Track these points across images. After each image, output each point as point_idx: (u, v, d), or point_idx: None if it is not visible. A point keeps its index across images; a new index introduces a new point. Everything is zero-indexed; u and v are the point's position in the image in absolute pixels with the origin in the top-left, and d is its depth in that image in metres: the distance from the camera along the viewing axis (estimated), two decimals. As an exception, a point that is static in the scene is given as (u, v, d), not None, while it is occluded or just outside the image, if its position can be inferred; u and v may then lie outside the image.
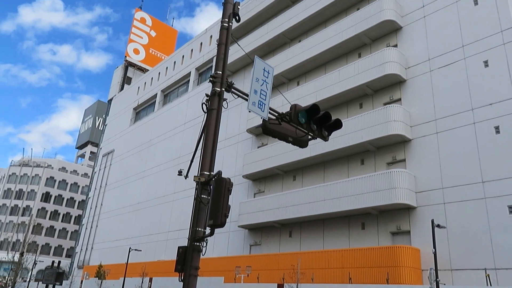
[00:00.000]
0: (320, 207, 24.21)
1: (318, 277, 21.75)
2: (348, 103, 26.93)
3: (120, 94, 62.09)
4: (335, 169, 25.98)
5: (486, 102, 20.21)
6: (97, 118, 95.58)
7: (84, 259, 51.71)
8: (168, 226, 38.63)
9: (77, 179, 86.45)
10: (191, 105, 42.25)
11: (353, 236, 23.63)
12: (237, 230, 30.52)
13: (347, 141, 24.13)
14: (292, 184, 28.38)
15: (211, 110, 6.70)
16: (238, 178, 30.90)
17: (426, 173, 21.59)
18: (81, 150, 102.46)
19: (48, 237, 78.38)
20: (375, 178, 22.25)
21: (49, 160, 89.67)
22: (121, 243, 43.80)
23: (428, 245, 18.35)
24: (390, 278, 19.17)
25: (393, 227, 22.05)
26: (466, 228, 19.15)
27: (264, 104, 6.91)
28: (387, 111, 22.99)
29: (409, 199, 21.20)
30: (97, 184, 56.83)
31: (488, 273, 17.12)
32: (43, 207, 79.73)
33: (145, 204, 43.74)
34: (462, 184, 19.97)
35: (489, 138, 19.68)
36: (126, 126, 55.61)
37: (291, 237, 27.16)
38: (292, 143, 7.44)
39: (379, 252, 20.68)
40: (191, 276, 5.57)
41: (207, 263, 26.99)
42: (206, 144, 6.46)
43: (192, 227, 5.80)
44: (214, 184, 5.61)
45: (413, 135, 22.82)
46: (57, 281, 10.25)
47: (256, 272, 25.06)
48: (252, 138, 33.19)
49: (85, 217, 56.79)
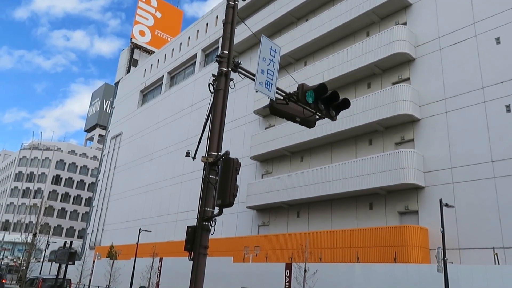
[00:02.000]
0: (328, 188, 24.27)
1: (326, 256, 21.96)
2: (356, 83, 26.64)
3: (126, 76, 62.05)
4: (342, 150, 25.90)
5: (497, 80, 19.86)
6: (105, 101, 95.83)
7: (95, 240, 52.70)
8: (177, 207, 39.07)
9: (87, 161, 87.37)
10: (198, 87, 42.13)
11: (361, 216, 23.71)
12: (245, 211, 30.78)
13: (355, 122, 23.97)
14: (300, 165, 28.40)
15: (218, 90, 6.65)
16: (246, 160, 30.99)
17: (434, 152, 21.45)
18: (90, 133, 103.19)
19: (60, 219, 79.82)
20: (383, 158, 22.16)
21: (59, 144, 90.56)
22: (131, 224, 44.48)
23: (436, 225, 18.38)
24: (397, 257, 19.28)
25: (401, 207, 22.07)
26: (474, 208, 19.11)
27: (271, 84, 6.84)
28: (396, 91, 22.72)
29: (417, 179, 21.14)
30: (106, 167, 57.41)
31: (496, 252, 17.14)
32: (54, 190, 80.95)
33: (154, 186, 44.19)
34: (471, 163, 19.83)
35: (499, 116, 19.41)
36: (133, 109, 55.74)
37: (299, 217, 27.34)
38: (300, 123, 7.39)
39: (387, 232, 20.77)
40: (201, 254, 5.64)
41: (216, 243, 27.33)
42: (213, 124, 6.44)
43: (200, 207, 5.84)
44: (222, 164, 5.62)
45: (422, 115, 22.59)
46: (70, 260, 10.47)
47: (264, 252, 25.36)
48: (259, 120, 33.12)
49: (95, 199, 57.62)
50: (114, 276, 31.64)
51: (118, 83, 64.10)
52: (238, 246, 27.80)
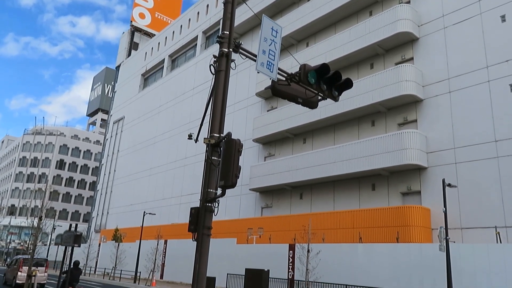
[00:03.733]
0: (331, 169, 24.32)
1: (329, 237, 22.17)
2: (358, 63, 26.39)
3: (127, 60, 61.66)
4: (345, 131, 25.85)
5: (502, 58, 19.63)
6: (106, 85, 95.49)
7: (100, 224, 53.30)
8: (180, 190, 39.33)
9: (90, 146, 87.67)
10: (199, 70, 41.88)
11: (363, 197, 23.82)
12: (248, 193, 30.97)
13: (357, 103, 23.84)
14: (303, 147, 28.41)
15: (219, 71, 6.59)
16: (249, 142, 31.01)
17: (437, 133, 21.38)
18: (92, 117, 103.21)
19: (65, 203, 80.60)
20: (386, 139, 22.13)
21: (61, 128, 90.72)
22: (136, 208, 44.90)
23: (438, 205, 18.45)
24: (400, 237, 19.44)
25: (403, 188, 22.14)
26: (477, 187, 19.15)
27: (272, 64, 6.77)
28: (399, 71, 22.51)
29: (420, 159, 21.14)
30: (109, 151, 57.62)
31: (498, 231, 17.24)
32: (58, 174, 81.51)
33: (157, 169, 44.41)
34: (474, 143, 19.78)
35: (503, 96, 19.26)
36: (135, 93, 55.59)
37: (302, 199, 27.50)
38: (302, 104, 7.33)
39: (390, 212, 20.90)
40: (204, 235, 5.69)
41: (220, 225, 27.61)
42: (215, 105, 6.41)
43: (203, 189, 5.86)
44: (224, 145, 5.61)
45: (425, 95, 22.43)
46: (75, 243, 10.60)
47: (268, 233, 25.61)
48: (261, 102, 32.99)
49: (100, 183, 58.03)
50: (120, 258, 32.12)
51: (119, 67, 63.76)
52: (241, 228, 28.08)
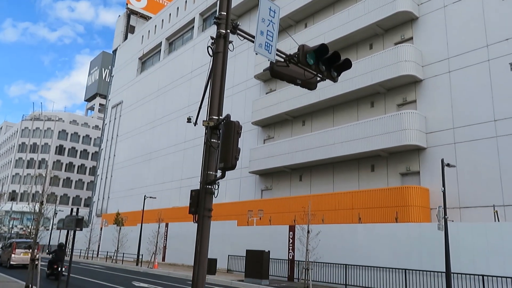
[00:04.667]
0: (330, 151, 24.37)
1: (329, 218, 22.37)
2: (357, 44, 26.17)
3: (124, 44, 61.04)
4: (344, 113, 25.81)
5: (502, 37, 19.46)
6: (103, 70, 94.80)
7: (101, 208, 53.67)
8: (180, 174, 39.48)
9: (89, 131, 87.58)
10: (197, 53, 41.51)
11: (362, 178, 23.94)
12: (248, 176, 31.10)
13: (356, 84, 23.74)
14: (302, 129, 28.41)
15: (217, 53, 6.53)
16: (248, 125, 30.97)
17: (437, 113, 21.36)
18: (90, 102, 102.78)
19: (66, 188, 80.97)
20: (385, 120, 22.11)
21: (60, 114, 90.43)
22: (136, 192, 45.14)
23: (437, 185, 18.57)
24: (399, 217, 19.63)
25: (402, 168, 22.24)
26: (475, 167, 19.24)
27: (271, 45, 6.71)
28: (398, 51, 22.34)
29: (419, 140, 21.17)
30: (108, 136, 57.59)
31: (496, 210, 17.40)
32: (58, 160, 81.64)
33: (157, 154, 44.48)
34: (473, 123, 19.79)
35: (503, 75, 19.17)
36: (132, 77, 55.22)
37: (301, 181, 27.64)
38: (301, 86, 7.30)
39: (388, 193, 21.04)
40: (205, 217, 5.73)
41: (220, 208, 27.82)
42: (213, 88, 6.37)
43: (203, 171, 5.88)
44: (223, 127, 5.60)
45: (425, 75, 22.32)
46: (77, 226, 10.69)
47: (268, 215, 25.83)
48: (260, 84, 32.83)
49: (100, 168, 58.19)
50: (122, 242, 32.43)
51: (116, 51, 63.16)
52: (242, 210, 28.30)
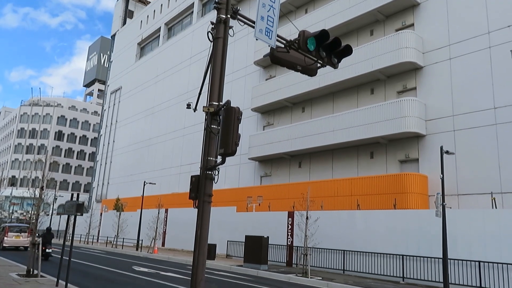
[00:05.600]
0: (329, 138, 24.39)
1: (327, 204, 22.51)
2: (358, 30, 25.97)
3: (123, 29, 60.49)
4: (344, 100, 25.75)
5: (504, 24, 19.31)
6: (102, 55, 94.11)
7: (101, 194, 53.88)
8: (180, 160, 39.55)
9: (88, 117, 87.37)
10: (196, 38, 41.18)
11: (361, 165, 24.01)
12: (247, 162, 31.17)
13: (356, 71, 23.63)
14: (301, 115, 28.37)
15: (217, 38, 6.49)
16: (247, 112, 30.91)
17: (437, 101, 21.32)
18: (89, 88, 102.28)
19: (65, 174, 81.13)
20: (385, 107, 22.08)
21: (59, 99, 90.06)
22: (136, 178, 45.27)
23: (436, 172, 18.64)
24: (397, 204, 19.76)
25: (401, 156, 22.29)
26: (474, 155, 19.29)
27: (271, 31, 6.66)
28: (399, 38, 22.18)
29: (418, 127, 21.18)
30: (107, 122, 57.49)
31: (494, 197, 17.51)
32: (57, 145, 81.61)
33: (157, 140, 44.48)
34: (473, 111, 19.77)
35: (504, 62, 19.08)
36: (131, 62, 54.87)
37: (300, 167, 27.72)
38: (301, 72, 7.27)
39: (387, 180, 21.14)
40: (205, 202, 5.77)
41: (220, 194, 27.95)
42: (213, 73, 6.35)
43: (203, 157, 5.90)
44: (223, 113, 5.60)
45: (425, 62, 22.21)
46: (78, 211, 10.74)
47: (267, 202, 25.98)
48: (260, 71, 32.67)
49: (99, 154, 58.24)
50: (122, 227, 32.67)
51: (114, 36, 62.62)
52: (241, 197, 28.45)
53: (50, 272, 13.17)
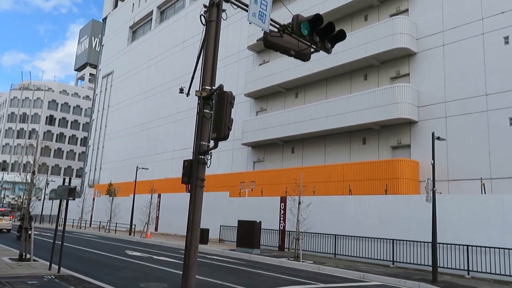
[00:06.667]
0: (322, 124, 24.44)
1: (320, 189, 22.68)
2: (352, 15, 25.81)
3: (114, 12, 59.50)
4: (337, 86, 25.74)
5: (497, 10, 19.31)
6: (93, 39, 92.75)
7: (94, 179, 53.73)
8: (173, 145, 39.46)
9: (79, 101, 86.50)
10: (189, 22, 40.68)
11: (354, 150, 24.15)
12: (240, 147, 31.19)
13: (350, 56, 23.57)
14: (295, 101, 28.34)
15: (210, 22, 6.41)
16: (240, 97, 30.80)
17: (429, 87, 21.39)
18: (80, 72, 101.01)
19: (57, 159, 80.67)
20: (378, 93, 22.12)
21: (50, 83, 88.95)
22: (129, 163, 45.15)
23: (427, 158, 18.77)
24: (388, 189, 19.97)
25: (393, 142, 22.44)
26: (465, 141, 19.48)
27: (265, 15, 6.59)
28: (393, 23, 22.10)
29: (411, 113, 21.28)
30: (99, 106, 56.99)
31: (483, 183, 17.76)
32: (49, 130, 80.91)
33: (149, 125, 44.25)
34: (465, 97, 19.88)
35: (497, 49, 19.13)
36: (123, 46, 54.15)
37: (293, 153, 27.81)
38: (294, 57, 7.23)
39: (379, 165, 21.31)
40: (198, 187, 5.78)
41: (213, 179, 28.01)
42: (206, 57, 6.30)
43: (196, 141, 5.89)
44: (216, 98, 5.58)
45: (419, 48, 22.20)
46: (70, 196, 10.72)
47: (260, 187, 26.11)
48: (253, 56, 32.45)
49: (91, 139, 57.88)
50: (115, 212, 32.70)
51: (106, 19, 61.64)
52: (234, 182, 28.55)
53: (42, 256, 13.20)
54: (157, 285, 10.09)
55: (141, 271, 12.58)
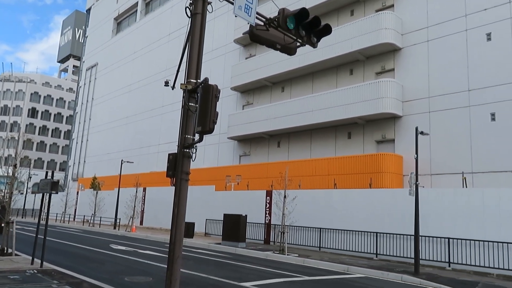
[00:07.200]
0: (308, 118, 24.54)
1: (305, 183, 22.83)
2: (338, 10, 25.88)
3: (98, 3, 58.47)
4: (323, 80, 25.84)
5: (481, 7, 19.59)
6: (77, 30, 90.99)
7: (77, 172, 53.04)
8: (158, 139, 39.16)
9: (63, 94, 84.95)
10: (175, 14, 40.24)
11: (339, 145, 24.34)
12: (226, 141, 31.14)
13: (336, 51, 23.67)
14: (281, 95, 28.37)
15: (195, 14, 6.36)
16: (227, 90, 30.70)
17: (414, 82, 21.64)
18: (64, 64, 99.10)
19: (40, 152, 79.30)
20: (363, 88, 22.29)
21: (32, 75, 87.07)
22: (113, 156, 44.67)
23: (411, 152, 19.08)
24: (373, 183, 20.21)
25: (378, 136, 22.68)
26: (448, 135, 19.80)
27: (251, 8, 6.57)
28: (379, 19, 22.25)
29: (395, 108, 21.52)
30: (83, 99, 56.14)
31: (465, 176, 18.11)
32: (31, 123, 79.40)
33: (134, 118, 43.80)
34: (448, 92, 20.19)
35: (479, 46, 19.44)
36: (108, 38, 53.34)
37: (279, 147, 27.89)
38: (280, 50, 7.23)
39: (364, 160, 21.54)
40: (183, 180, 5.77)
41: (199, 173, 27.93)
42: (191, 50, 6.25)
43: (181, 135, 5.86)
44: (201, 91, 5.55)
45: (404, 44, 22.41)
46: (53, 189, 10.55)
47: (245, 181, 26.14)
48: (240, 49, 32.32)
49: (75, 132, 57.04)
50: (99, 206, 32.38)
51: (89, 10, 60.57)
52: (220, 176, 28.52)
53: (25, 251, 13.01)
54: (141, 278, 10.06)
55: (125, 265, 12.51)
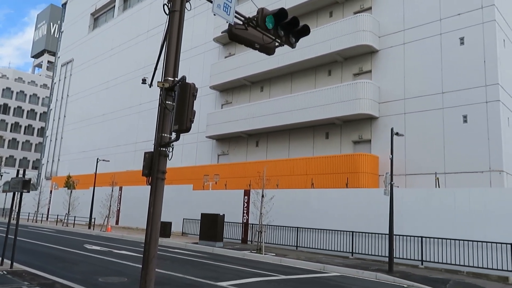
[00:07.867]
0: (287, 118, 24.67)
1: (283, 183, 22.95)
2: (317, 11, 26.11)
3: (75, -3, 57.16)
4: (302, 80, 26.02)
5: (455, 11, 20.11)
6: (52, 24, 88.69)
7: (51, 171, 51.75)
8: (135, 137, 38.61)
9: (36, 90, 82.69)
10: (154, 11, 39.73)
11: (317, 145, 24.57)
12: (205, 140, 30.97)
13: (315, 51, 23.87)
14: (260, 95, 28.42)
15: (174, 11, 6.30)
16: (205, 89, 30.53)
17: (390, 84, 22.04)
18: (38, 59, 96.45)
19: (12, 150, 77.01)
20: (341, 89, 22.57)
21: (4, 70, 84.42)
22: (89, 154, 43.79)
23: (386, 153, 19.37)
24: (349, 182, 20.49)
25: (355, 136, 23.00)
26: (422, 137, 20.26)
27: (229, 7, 6.55)
28: (357, 21, 22.56)
29: (372, 109, 21.87)
30: (58, 95, 54.79)
31: (437, 177, 18.57)
32: (3, 119, 77.01)
33: (111, 116, 43.04)
34: (423, 94, 20.64)
35: (453, 49, 19.96)
36: (84, 34, 52.23)
37: (258, 146, 27.94)
38: (259, 50, 7.24)
39: (341, 160, 21.81)
40: (159, 179, 5.70)
41: (176, 172, 27.70)
42: (169, 48, 6.19)
43: (157, 133, 5.79)
44: (179, 89, 5.50)
45: (381, 46, 22.80)
46: (24, 188, 10.25)
47: (224, 180, 26.07)
48: (219, 48, 32.19)
49: (49, 129, 55.61)
50: (73, 205, 31.69)
51: (65, 5, 59.14)
52: (198, 175, 28.35)
53: (-6, 251, 12.59)
54: (116, 279, 9.90)
55: (100, 265, 12.29)
